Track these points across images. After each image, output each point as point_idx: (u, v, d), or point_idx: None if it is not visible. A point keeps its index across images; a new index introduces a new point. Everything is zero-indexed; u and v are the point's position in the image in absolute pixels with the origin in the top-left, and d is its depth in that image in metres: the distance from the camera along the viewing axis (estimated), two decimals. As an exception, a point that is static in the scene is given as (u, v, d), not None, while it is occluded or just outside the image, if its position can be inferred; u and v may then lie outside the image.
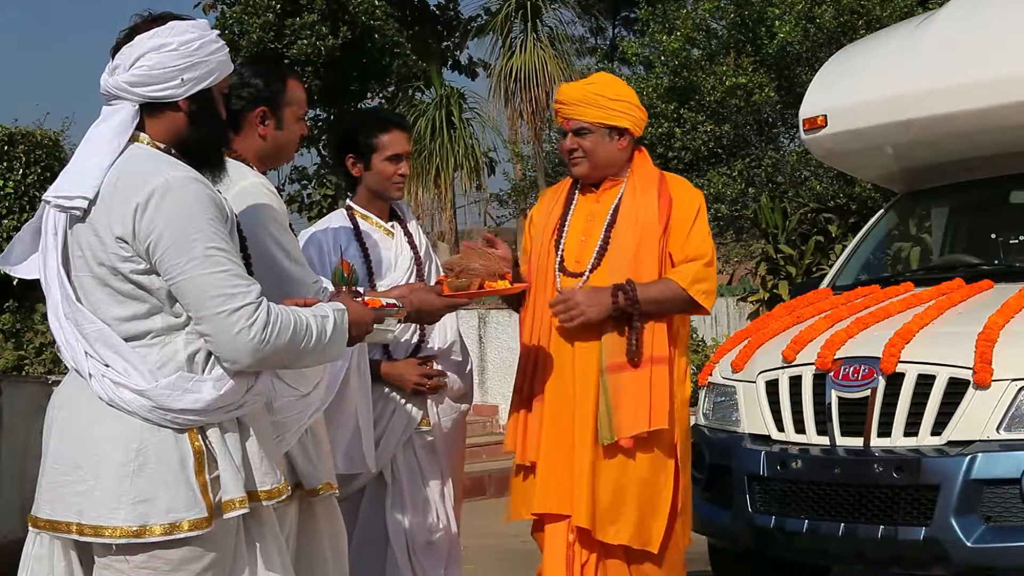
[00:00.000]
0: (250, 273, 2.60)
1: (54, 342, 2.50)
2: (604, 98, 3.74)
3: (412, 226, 3.95)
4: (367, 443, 3.43)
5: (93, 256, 2.41)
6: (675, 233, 3.68)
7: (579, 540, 3.61)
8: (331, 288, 2.99)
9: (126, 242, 2.38)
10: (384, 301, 2.87)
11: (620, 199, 3.74)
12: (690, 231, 3.69)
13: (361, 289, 3.21)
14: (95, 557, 2.42)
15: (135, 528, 2.34)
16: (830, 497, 4.33)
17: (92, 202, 2.40)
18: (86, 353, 2.41)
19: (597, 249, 3.68)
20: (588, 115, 3.72)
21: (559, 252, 3.74)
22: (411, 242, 3.89)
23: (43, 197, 2.49)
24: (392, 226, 3.90)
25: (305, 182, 25.10)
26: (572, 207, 3.81)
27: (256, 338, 2.37)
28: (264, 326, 2.38)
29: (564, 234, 3.76)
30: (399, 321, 3.07)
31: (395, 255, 3.84)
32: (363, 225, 3.84)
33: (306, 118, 3.17)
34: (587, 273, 3.66)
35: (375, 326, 2.76)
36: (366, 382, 3.39)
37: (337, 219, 3.87)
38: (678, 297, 3.60)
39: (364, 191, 3.86)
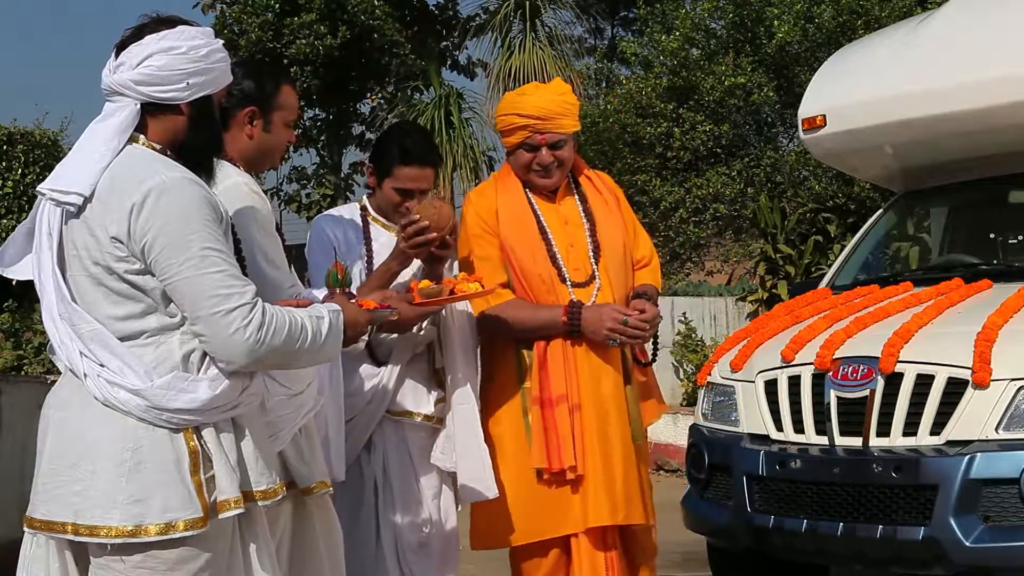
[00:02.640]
0: (244, 274, 2.60)
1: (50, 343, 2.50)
2: (574, 106, 3.80)
3: None
4: (336, 453, 3.39)
5: (88, 255, 2.41)
6: (627, 231, 3.89)
7: (616, 541, 3.71)
8: (305, 292, 2.97)
9: (121, 242, 2.37)
10: (377, 303, 2.85)
11: (585, 201, 3.84)
12: (636, 229, 3.94)
13: (354, 291, 3.17)
14: (91, 557, 2.41)
15: (130, 528, 2.34)
16: (829, 497, 4.32)
17: (88, 200, 2.40)
18: (81, 353, 2.41)
19: (592, 254, 3.76)
20: (566, 126, 3.75)
21: (558, 264, 3.73)
22: None
23: (38, 188, 2.48)
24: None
25: (304, 182, 25.11)
26: (539, 213, 3.79)
27: (251, 338, 2.37)
28: (259, 327, 2.38)
29: (554, 245, 3.74)
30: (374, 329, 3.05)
31: None
32: (373, 227, 3.77)
33: (296, 125, 3.14)
34: (596, 280, 3.73)
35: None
36: (338, 394, 3.36)
37: (349, 214, 3.81)
38: (657, 297, 3.86)
39: (375, 199, 3.80)
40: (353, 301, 2.78)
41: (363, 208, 3.82)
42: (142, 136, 2.49)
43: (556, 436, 3.63)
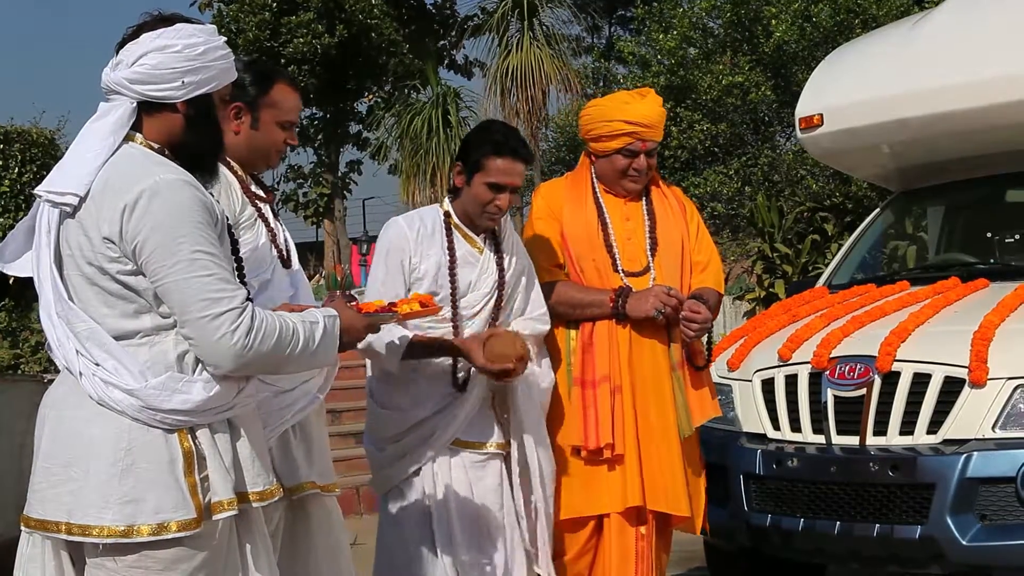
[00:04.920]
0: (243, 274, 2.59)
1: (47, 341, 2.50)
2: (664, 116, 4.04)
3: (507, 245, 3.67)
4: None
5: (82, 255, 2.41)
6: (690, 236, 4.02)
7: (651, 527, 3.81)
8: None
9: (113, 242, 2.37)
10: (377, 306, 2.80)
11: (650, 202, 4.00)
12: (698, 234, 4.04)
13: (356, 294, 3.11)
14: (86, 557, 2.41)
15: (123, 528, 2.34)
16: (826, 495, 4.33)
17: (83, 199, 2.40)
18: (77, 352, 2.41)
19: (648, 249, 3.93)
20: (659, 135, 3.99)
21: (612, 253, 3.90)
22: (500, 264, 3.63)
23: (35, 191, 2.48)
24: (483, 240, 3.64)
25: (301, 181, 25.07)
26: (603, 206, 3.97)
27: (239, 343, 2.35)
28: (247, 332, 2.36)
29: (612, 236, 3.92)
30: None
31: (479, 275, 3.60)
32: (455, 236, 3.61)
33: (293, 128, 3.04)
34: (651, 271, 3.89)
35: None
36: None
37: (431, 223, 3.62)
38: (719, 304, 3.96)
39: (460, 204, 3.62)
40: (352, 304, 2.74)
41: (446, 214, 3.64)
42: (139, 135, 2.48)
43: (595, 415, 3.78)
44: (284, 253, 3.04)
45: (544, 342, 3.76)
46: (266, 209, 3.05)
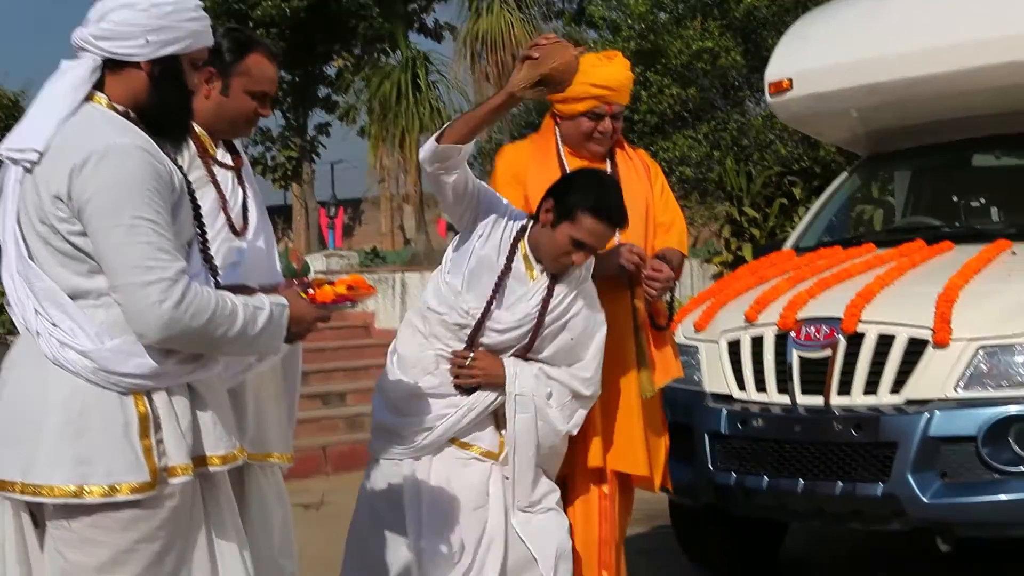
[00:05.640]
0: (204, 241, 2.56)
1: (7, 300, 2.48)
2: (632, 80, 4.04)
3: (563, 288, 3.51)
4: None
5: (36, 213, 2.38)
6: (654, 197, 4.01)
7: (613, 488, 3.84)
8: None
9: (62, 201, 2.34)
10: (334, 294, 2.72)
11: (615, 164, 3.98)
12: (663, 195, 4.03)
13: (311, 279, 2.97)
14: (46, 519, 2.40)
15: (73, 489, 2.32)
16: (790, 454, 4.37)
17: (42, 155, 2.37)
18: (35, 311, 2.39)
19: None
20: (625, 99, 3.98)
21: None
22: (545, 301, 3.48)
23: None
24: (541, 272, 3.52)
25: (269, 144, 24.92)
26: (569, 171, 3.89)
27: (166, 315, 2.30)
28: (176, 304, 2.31)
29: None
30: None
31: (518, 299, 3.50)
32: (517, 257, 3.51)
33: (267, 99, 2.98)
34: (616, 234, 3.74)
35: None
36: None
37: (512, 226, 3.53)
38: (682, 263, 3.97)
39: (535, 234, 3.50)
40: (308, 294, 2.66)
41: (521, 229, 3.53)
42: (103, 96, 2.44)
43: None
44: (234, 222, 2.94)
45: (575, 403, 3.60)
46: (223, 175, 2.97)
